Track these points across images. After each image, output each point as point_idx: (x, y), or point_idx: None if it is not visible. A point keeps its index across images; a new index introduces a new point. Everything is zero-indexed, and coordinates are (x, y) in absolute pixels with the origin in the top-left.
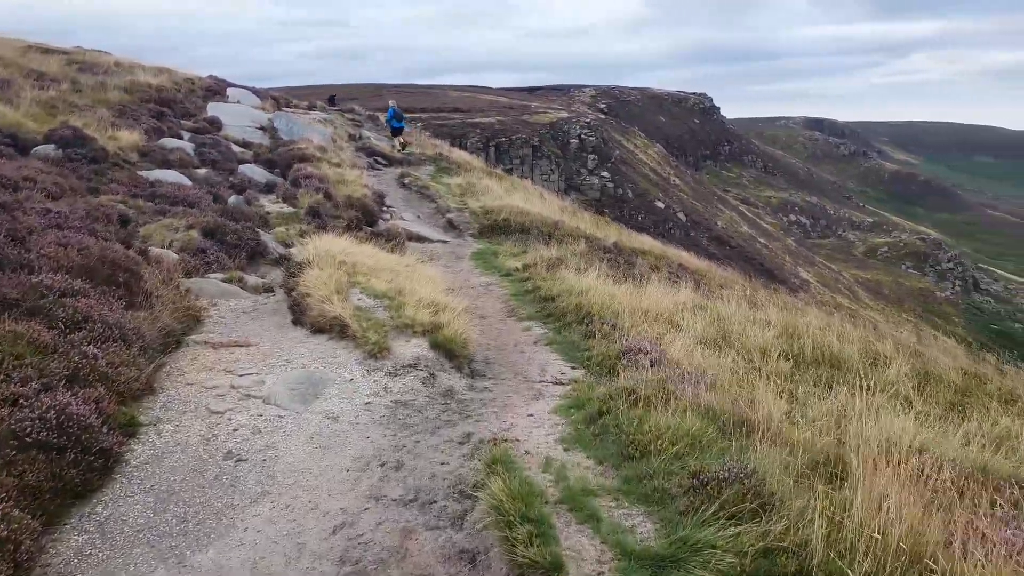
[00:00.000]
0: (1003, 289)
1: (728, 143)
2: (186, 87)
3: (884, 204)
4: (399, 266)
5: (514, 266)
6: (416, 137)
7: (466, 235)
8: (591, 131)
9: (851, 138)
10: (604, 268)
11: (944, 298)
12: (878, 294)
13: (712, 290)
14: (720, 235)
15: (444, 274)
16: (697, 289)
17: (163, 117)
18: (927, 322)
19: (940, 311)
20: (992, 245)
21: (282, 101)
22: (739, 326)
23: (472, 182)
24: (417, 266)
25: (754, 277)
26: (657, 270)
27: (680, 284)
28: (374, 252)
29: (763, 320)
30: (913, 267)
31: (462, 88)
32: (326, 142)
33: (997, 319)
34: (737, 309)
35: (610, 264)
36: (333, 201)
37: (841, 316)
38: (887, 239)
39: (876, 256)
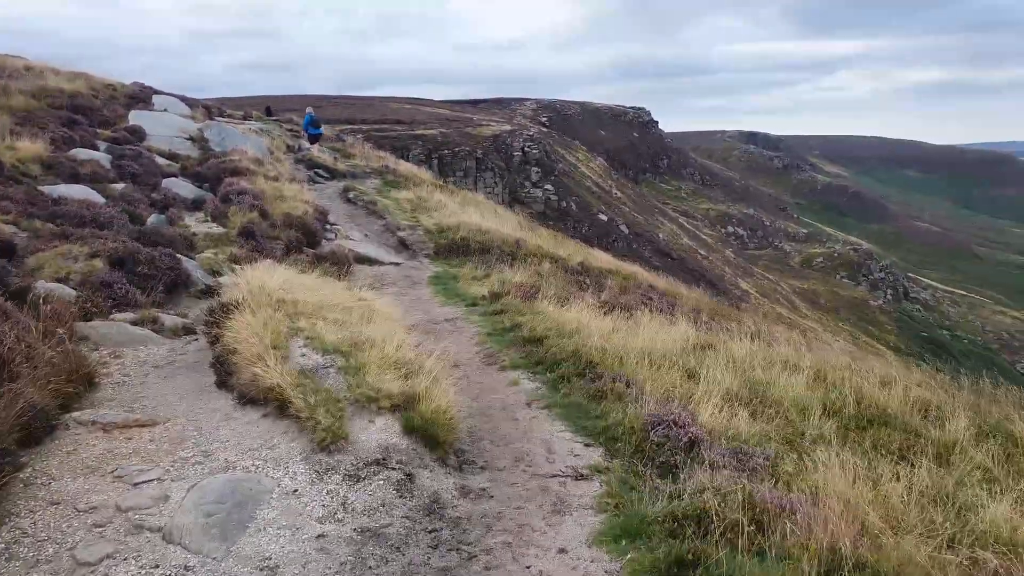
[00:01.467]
0: (931, 297)
1: (667, 156)
2: (106, 94)
3: (817, 216)
4: (350, 300)
5: (479, 293)
6: (360, 149)
7: (420, 256)
8: (534, 144)
9: (785, 151)
10: (588, 300)
11: (877, 307)
12: (815, 304)
13: (700, 318)
14: (662, 247)
15: (401, 305)
16: (694, 321)
17: (75, 125)
18: (862, 330)
19: (874, 319)
20: (917, 254)
21: (215, 110)
22: (762, 371)
23: (423, 196)
24: (371, 301)
25: (700, 288)
26: (626, 291)
27: (675, 316)
28: (319, 283)
29: (784, 360)
30: (847, 277)
31: (403, 100)
32: (262, 154)
33: (927, 327)
34: (750, 347)
35: (580, 286)
36: (269, 220)
37: (857, 350)
38: (822, 250)
39: (812, 266)
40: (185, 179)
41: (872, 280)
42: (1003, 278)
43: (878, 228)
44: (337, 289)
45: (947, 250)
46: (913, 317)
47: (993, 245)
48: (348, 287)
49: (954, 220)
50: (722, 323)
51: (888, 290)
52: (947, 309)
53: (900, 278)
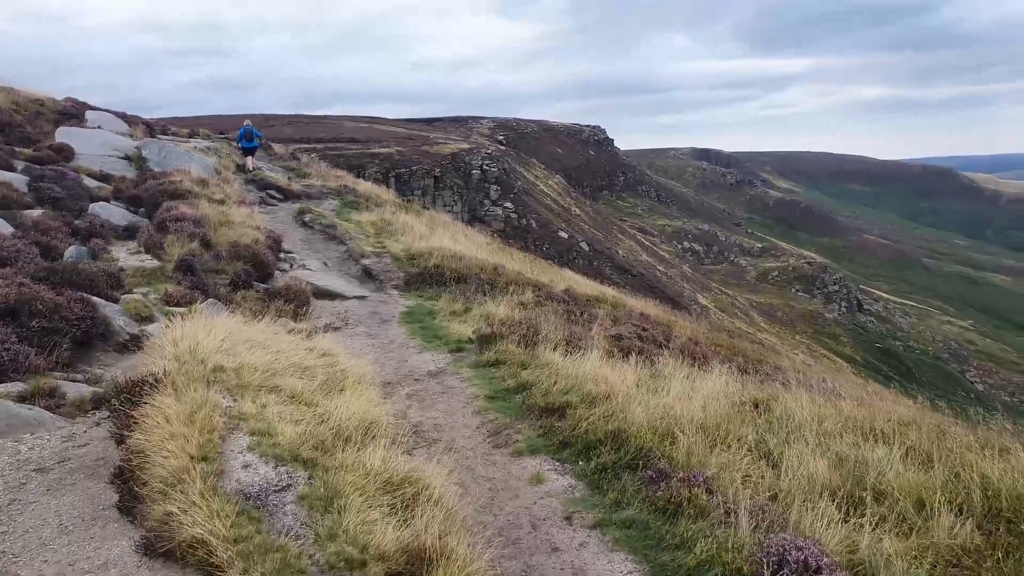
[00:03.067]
0: (883, 309)
1: (623, 174)
2: (32, 109)
3: (770, 230)
4: (311, 357)
5: (463, 334)
6: (316, 168)
7: (388, 287)
8: (493, 162)
9: (737, 167)
10: (598, 341)
11: (832, 319)
12: (772, 317)
13: (732, 360)
14: (622, 263)
15: (372, 353)
16: (720, 360)
17: None
18: (818, 343)
19: (829, 332)
20: (868, 267)
21: (158, 128)
22: (844, 442)
23: (387, 219)
24: (337, 356)
25: (660, 304)
26: (618, 322)
27: (709, 364)
28: (270, 333)
29: (861, 422)
30: (802, 290)
31: (358, 118)
32: (208, 174)
33: (880, 338)
34: (812, 407)
35: (569, 318)
36: (213, 250)
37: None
38: (777, 264)
39: (767, 280)
40: (119, 203)
41: (826, 293)
42: (949, 289)
43: (829, 241)
44: (294, 341)
45: (896, 262)
46: (867, 329)
47: (939, 257)
48: (307, 334)
49: (901, 233)
50: (747, 363)
51: (842, 302)
52: (899, 320)
53: (853, 290)
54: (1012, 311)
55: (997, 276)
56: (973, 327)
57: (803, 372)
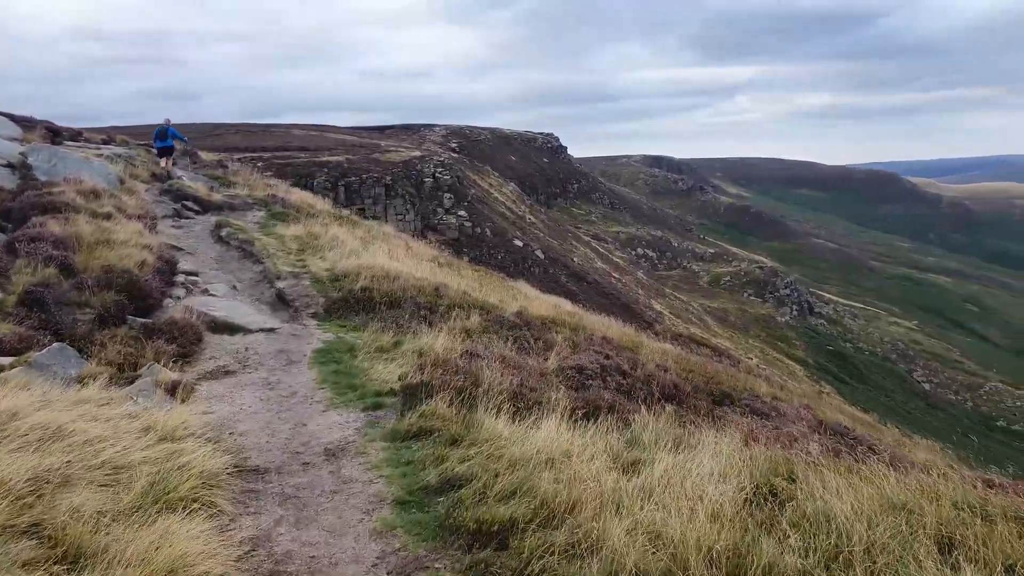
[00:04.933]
0: (833, 311)
1: (576, 181)
2: None
3: (722, 235)
4: (140, 447)
5: (388, 380)
6: (244, 176)
7: (305, 315)
8: (445, 170)
9: (688, 174)
10: (558, 398)
11: (784, 323)
12: (725, 322)
13: (707, 385)
14: (577, 271)
15: (260, 414)
16: (710, 419)
17: None
18: (771, 346)
19: (782, 335)
20: (816, 270)
21: (67, 133)
22: (901, 558)
23: (315, 232)
24: (185, 442)
25: (613, 312)
26: (578, 348)
27: (689, 403)
28: (90, 408)
29: (929, 523)
30: (755, 294)
31: (307, 127)
32: (107, 183)
33: (831, 340)
34: (846, 493)
35: (519, 346)
36: (77, 278)
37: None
38: (729, 268)
39: (720, 285)
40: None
41: (778, 297)
42: (895, 290)
43: (779, 245)
44: (128, 418)
45: (843, 265)
46: (818, 331)
47: (885, 259)
48: (165, 396)
49: (848, 236)
50: (727, 394)
51: (793, 306)
52: (848, 322)
53: (804, 294)
54: (955, 311)
55: (939, 277)
56: (918, 327)
57: (799, 398)
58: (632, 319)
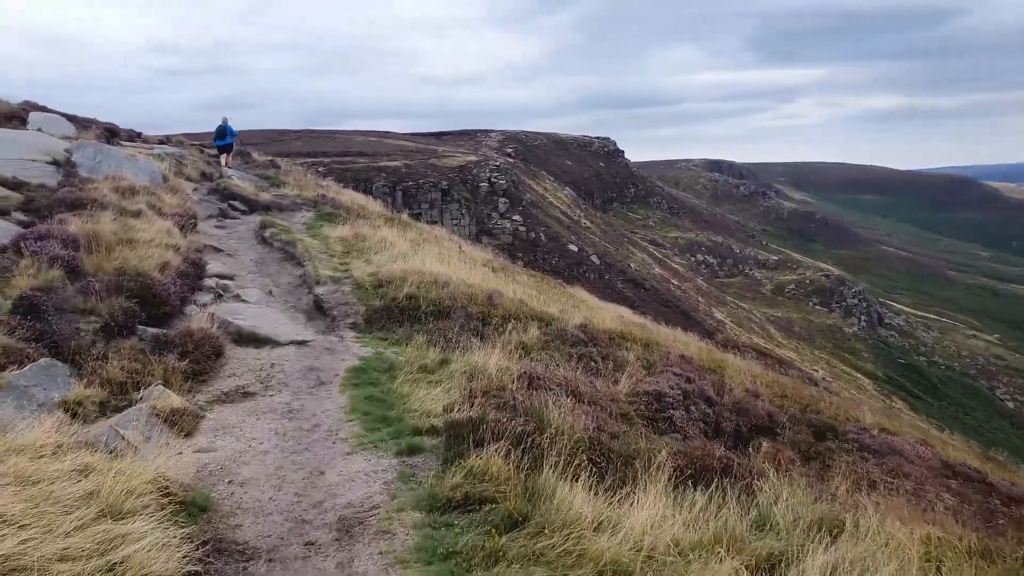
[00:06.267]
0: (905, 323)
1: (634, 185)
2: None
3: (785, 242)
4: (90, 540)
5: (430, 413)
6: (296, 176)
7: (343, 325)
8: (501, 175)
9: (749, 178)
10: (663, 470)
11: (852, 334)
12: (790, 332)
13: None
14: (634, 277)
15: (270, 456)
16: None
17: None
18: (839, 358)
19: (850, 347)
20: (885, 279)
21: (124, 134)
22: None
23: (362, 233)
24: (134, 522)
25: (673, 320)
26: (651, 367)
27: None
28: (55, 476)
29: None
30: (820, 303)
31: (368, 133)
32: (150, 181)
33: (903, 353)
34: None
35: (585, 366)
36: (84, 281)
37: None
38: (793, 276)
39: (784, 293)
40: (17, 215)
41: (846, 306)
42: (974, 302)
43: (846, 253)
44: (74, 489)
45: (916, 274)
46: (889, 343)
47: (963, 269)
48: (162, 428)
49: (921, 244)
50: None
51: (862, 316)
52: (922, 335)
53: (873, 304)
54: None
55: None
56: (1000, 341)
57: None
58: (692, 328)
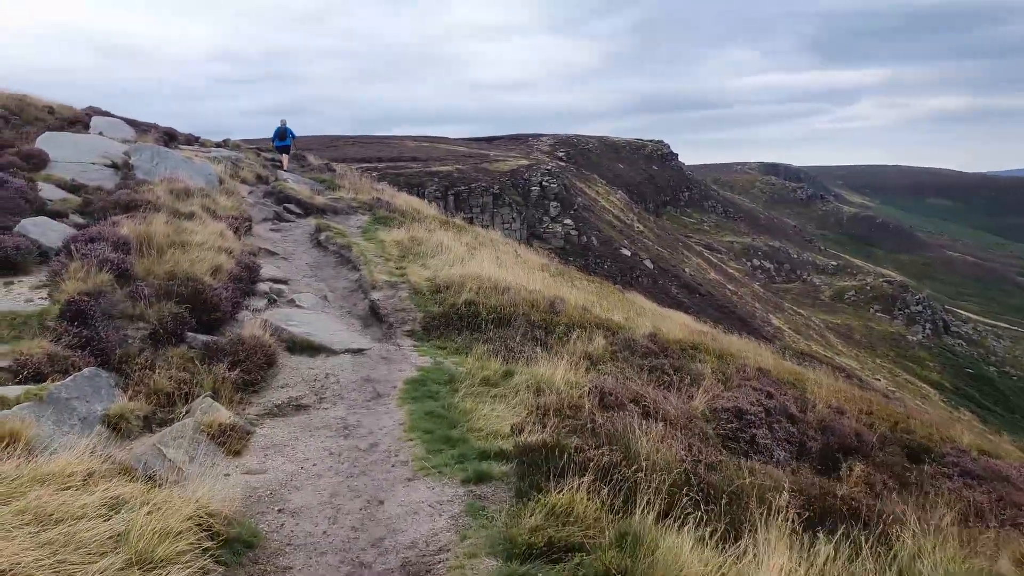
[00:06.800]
0: (973, 331)
1: (687, 189)
2: (31, 114)
3: (844, 247)
4: None
5: (497, 435)
6: (351, 179)
7: (400, 332)
8: (552, 178)
9: (807, 182)
10: (785, 517)
11: (916, 342)
12: (849, 339)
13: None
14: (689, 282)
15: (325, 478)
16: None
17: None
18: (902, 367)
19: (914, 356)
20: (951, 286)
21: (182, 137)
22: None
23: (418, 237)
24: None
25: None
26: (727, 381)
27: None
28: (80, 513)
29: None
30: (882, 310)
31: (419, 138)
32: (206, 183)
33: (971, 363)
34: None
35: (656, 379)
36: (133, 285)
37: None
38: (853, 282)
39: (844, 300)
40: (74, 216)
41: (909, 314)
42: None
43: (909, 259)
44: (99, 530)
45: (985, 281)
46: (955, 352)
47: None
48: (210, 446)
49: (989, 249)
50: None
51: (927, 324)
52: (992, 343)
53: (939, 311)
54: None
55: None
56: None
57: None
58: (749, 334)
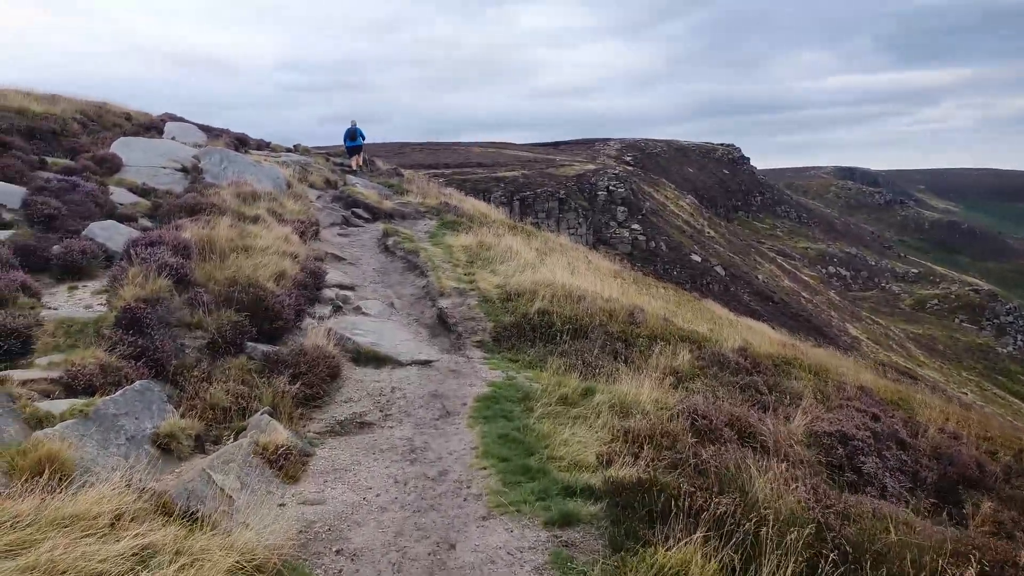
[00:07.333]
0: None
1: (760, 193)
2: (109, 120)
3: (926, 254)
4: None
5: (581, 466)
6: (419, 184)
7: (469, 343)
8: (620, 183)
9: (886, 186)
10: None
11: (1007, 354)
12: (932, 350)
13: None
14: (762, 289)
15: (389, 512)
16: None
17: (5, 152)
18: (991, 380)
19: (1004, 368)
20: None
21: (253, 143)
22: None
23: (487, 242)
24: None
25: (804, 335)
26: (826, 401)
27: None
28: (101, 569)
29: None
30: (968, 320)
31: (485, 144)
32: (274, 187)
33: None
34: None
35: (749, 398)
36: (192, 292)
37: None
38: (936, 291)
39: (925, 309)
40: (142, 220)
41: (998, 324)
42: None
43: (997, 266)
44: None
45: None
46: None
47: None
48: (265, 470)
49: None
50: None
51: (1019, 335)
52: None
53: None
54: None
55: None
56: None
57: None
58: (826, 344)
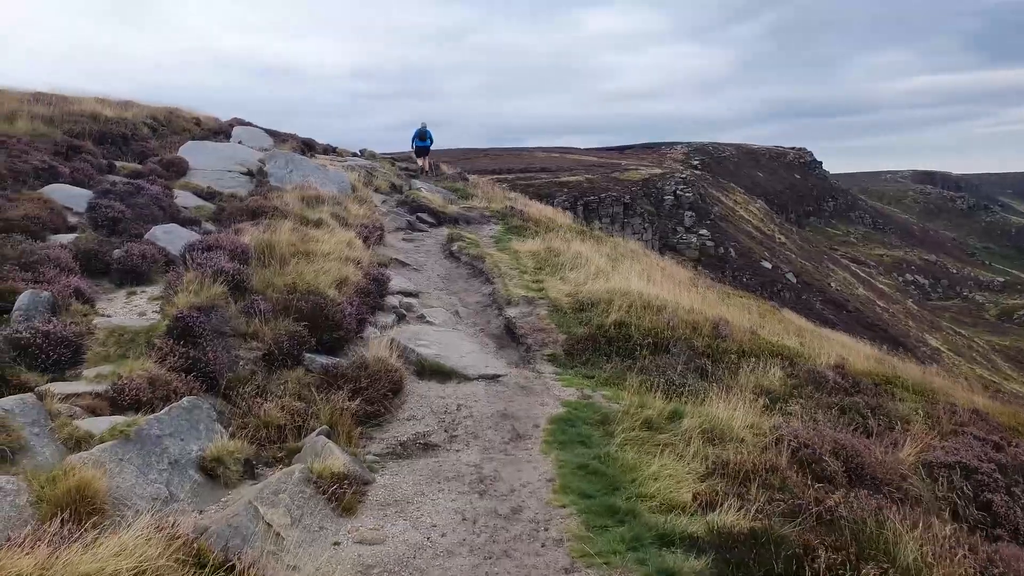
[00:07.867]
0: None
1: (832, 198)
2: (179, 125)
3: (1013, 262)
4: None
5: (676, 508)
6: (484, 188)
7: (539, 357)
8: (687, 187)
9: (968, 191)
10: None
11: None
12: (1021, 363)
13: None
14: (835, 298)
15: (457, 559)
16: None
17: (76, 156)
18: None
19: None
20: None
21: (319, 147)
22: None
23: (555, 248)
24: None
25: (880, 345)
26: (940, 428)
27: None
28: None
29: None
30: None
31: (549, 149)
32: (339, 190)
33: None
34: None
35: (850, 421)
36: (248, 299)
37: None
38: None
39: (1013, 320)
40: (205, 224)
41: None
42: None
43: None
44: None
45: None
46: None
47: None
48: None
49: None
50: None
51: None
52: None
53: None
54: None
55: None
56: None
57: None
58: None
